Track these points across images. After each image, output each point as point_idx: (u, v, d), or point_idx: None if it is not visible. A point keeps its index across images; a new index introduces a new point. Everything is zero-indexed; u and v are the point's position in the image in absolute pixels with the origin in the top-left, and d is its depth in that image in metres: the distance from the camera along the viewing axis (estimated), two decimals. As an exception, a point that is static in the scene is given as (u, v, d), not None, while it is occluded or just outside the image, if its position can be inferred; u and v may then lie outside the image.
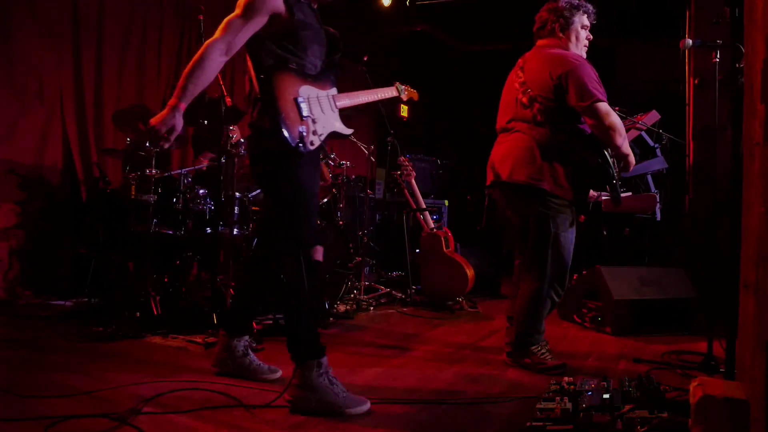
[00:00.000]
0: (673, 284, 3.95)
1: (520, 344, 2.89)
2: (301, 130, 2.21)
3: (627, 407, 1.94)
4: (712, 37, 3.01)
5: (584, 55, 2.93)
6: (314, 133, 2.28)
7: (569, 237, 2.84)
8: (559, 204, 2.79)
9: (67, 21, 4.62)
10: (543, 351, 2.89)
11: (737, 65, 2.11)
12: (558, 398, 2.08)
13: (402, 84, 2.99)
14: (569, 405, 1.99)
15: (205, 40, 2.22)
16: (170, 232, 3.75)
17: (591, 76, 2.74)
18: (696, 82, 4.05)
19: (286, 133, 2.17)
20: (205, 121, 3.92)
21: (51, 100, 4.53)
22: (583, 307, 4.07)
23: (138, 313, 3.41)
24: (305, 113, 2.25)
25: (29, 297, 4.28)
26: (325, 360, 2.23)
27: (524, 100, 2.83)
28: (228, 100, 3.48)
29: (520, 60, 2.99)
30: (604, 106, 2.68)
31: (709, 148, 2.97)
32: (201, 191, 3.92)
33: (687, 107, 4.62)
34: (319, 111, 2.33)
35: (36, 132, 4.45)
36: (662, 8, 5.49)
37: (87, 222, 4.25)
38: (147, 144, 3.69)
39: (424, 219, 5.02)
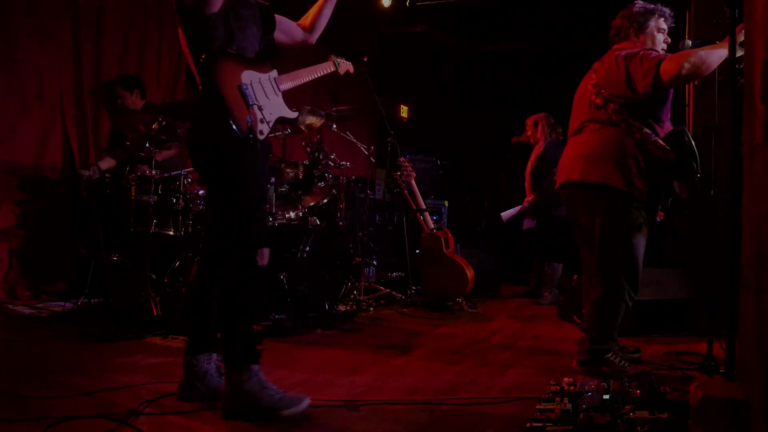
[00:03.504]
0: (672, 284, 3.94)
1: (595, 353, 2.76)
2: (248, 119, 2.11)
3: (627, 408, 1.94)
4: (712, 38, 3.01)
5: None
6: (262, 121, 2.17)
7: (640, 239, 2.73)
8: (631, 204, 2.70)
9: (67, 21, 4.62)
10: (619, 358, 2.79)
11: (737, 65, 2.11)
12: (558, 399, 2.08)
13: (338, 57, 2.78)
14: (569, 406, 2.00)
15: None
16: (170, 233, 3.75)
17: (650, 54, 2.61)
18: (696, 82, 4.05)
19: (234, 124, 2.06)
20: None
21: (51, 100, 4.53)
22: (583, 308, 4.06)
23: (138, 314, 3.41)
24: (251, 101, 2.14)
25: (29, 297, 4.28)
26: (256, 366, 2.11)
27: (598, 101, 2.77)
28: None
29: (595, 63, 2.91)
30: (666, 62, 2.51)
31: (709, 148, 2.96)
32: (201, 191, 3.92)
33: (687, 107, 4.61)
34: (264, 96, 2.21)
35: (36, 132, 4.46)
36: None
37: (87, 222, 4.25)
38: (146, 145, 3.69)
39: (424, 219, 5.02)
